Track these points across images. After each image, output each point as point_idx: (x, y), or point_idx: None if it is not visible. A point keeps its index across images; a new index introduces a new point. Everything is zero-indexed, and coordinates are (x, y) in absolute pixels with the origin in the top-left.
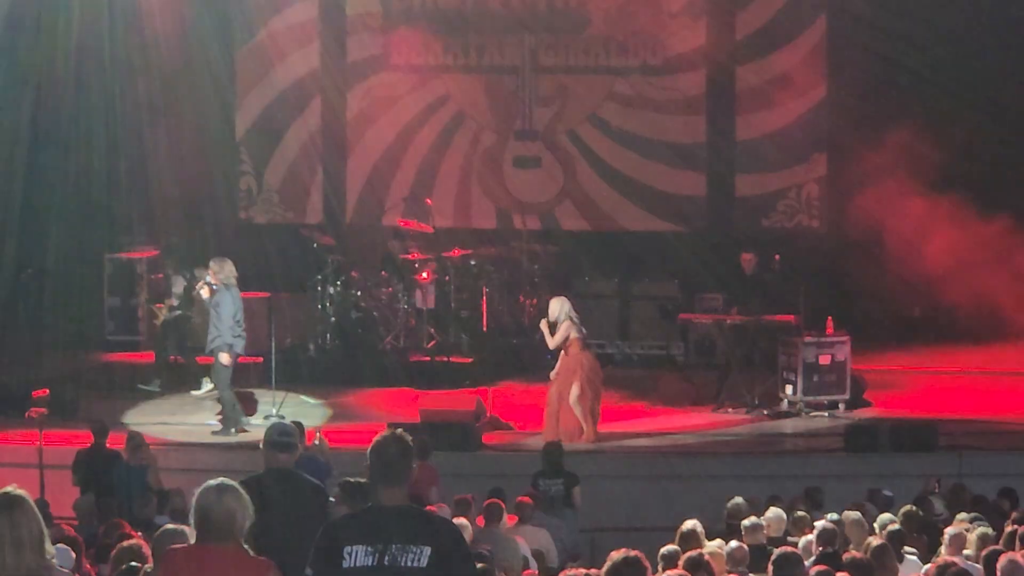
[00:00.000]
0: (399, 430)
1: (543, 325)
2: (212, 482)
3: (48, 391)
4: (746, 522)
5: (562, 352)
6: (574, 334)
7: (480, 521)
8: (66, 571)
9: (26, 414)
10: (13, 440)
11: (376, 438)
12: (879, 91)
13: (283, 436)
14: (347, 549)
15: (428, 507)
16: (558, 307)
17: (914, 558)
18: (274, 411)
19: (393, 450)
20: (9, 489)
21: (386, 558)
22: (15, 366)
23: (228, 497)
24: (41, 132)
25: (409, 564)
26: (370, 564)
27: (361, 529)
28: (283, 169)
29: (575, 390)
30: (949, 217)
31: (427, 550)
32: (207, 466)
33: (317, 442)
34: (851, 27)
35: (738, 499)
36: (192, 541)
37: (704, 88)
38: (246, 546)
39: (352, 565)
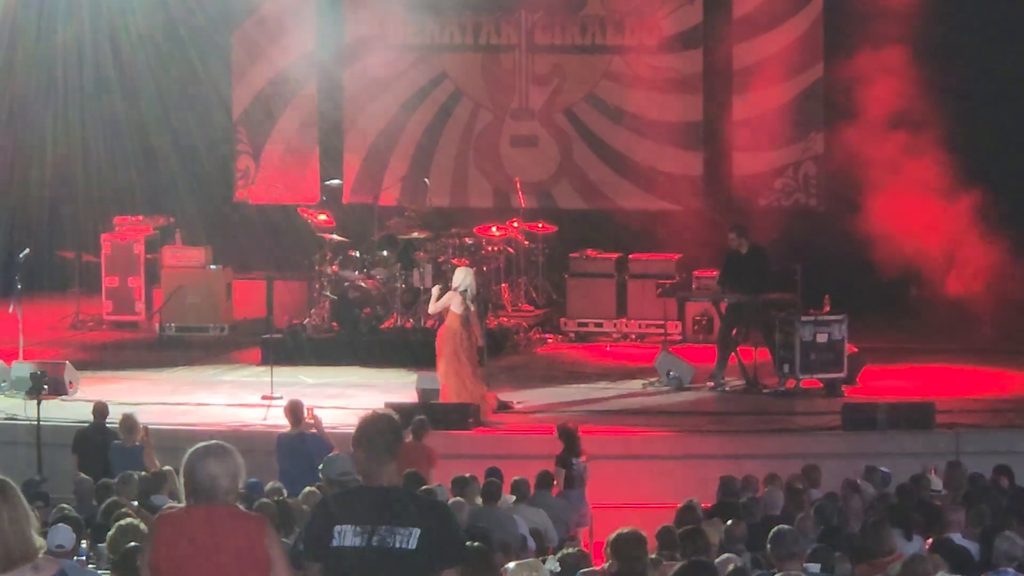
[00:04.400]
0: (386, 408)
1: (435, 289)
2: (200, 445)
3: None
4: (744, 500)
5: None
6: (455, 308)
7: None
8: (65, 550)
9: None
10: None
11: (363, 416)
12: (876, 69)
13: (343, 475)
14: (337, 528)
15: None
16: (461, 277)
17: (912, 535)
18: None
19: (381, 427)
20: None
21: (374, 539)
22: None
23: (211, 461)
24: (36, 111)
25: (398, 545)
26: (358, 544)
27: (351, 508)
28: (281, 149)
29: (441, 364)
30: (946, 195)
31: (416, 532)
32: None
33: (311, 421)
34: (848, 4)
35: (734, 477)
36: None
37: (701, 67)
38: (240, 505)
39: (341, 544)
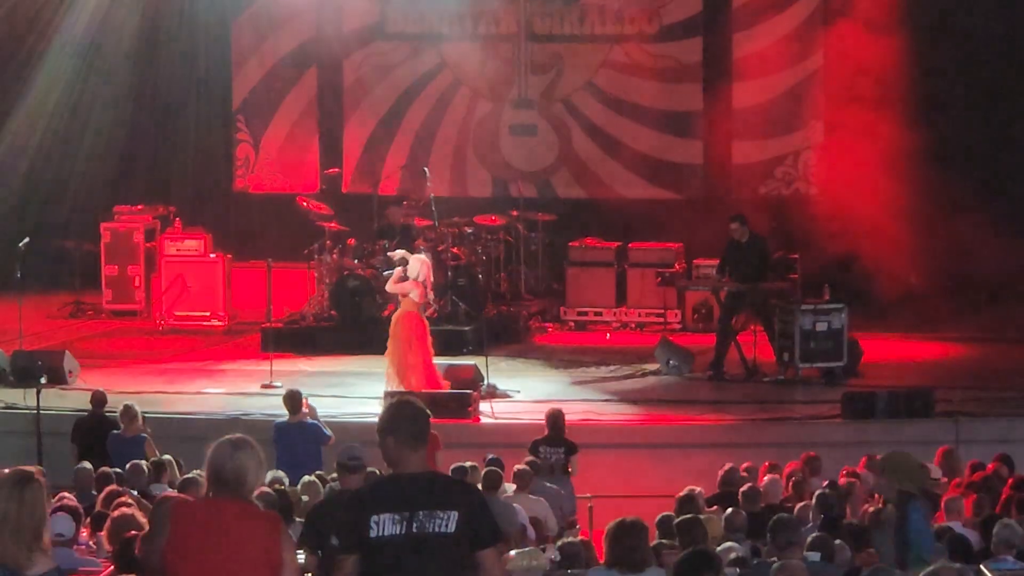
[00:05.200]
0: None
1: (396, 272)
2: (228, 437)
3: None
4: (744, 489)
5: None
6: (414, 296)
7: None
8: (65, 538)
9: None
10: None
11: (391, 403)
12: (876, 57)
13: (352, 460)
14: (374, 518)
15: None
16: (416, 267)
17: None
18: None
19: (411, 415)
20: (29, 468)
21: (414, 525)
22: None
23: (242, 454)
24: (36, 101)
25: (437, 530)
26: (398, 532)
27: (387, 497)
28: (280, 138)
29: (390, 345)
30: (944, 184)
31: (454, 515)
32: (203, 435)
33: (307, 410)
34: None
35: (735, 466)
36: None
37: (700, 56)
38: (256, 501)
39: (380, 534)
